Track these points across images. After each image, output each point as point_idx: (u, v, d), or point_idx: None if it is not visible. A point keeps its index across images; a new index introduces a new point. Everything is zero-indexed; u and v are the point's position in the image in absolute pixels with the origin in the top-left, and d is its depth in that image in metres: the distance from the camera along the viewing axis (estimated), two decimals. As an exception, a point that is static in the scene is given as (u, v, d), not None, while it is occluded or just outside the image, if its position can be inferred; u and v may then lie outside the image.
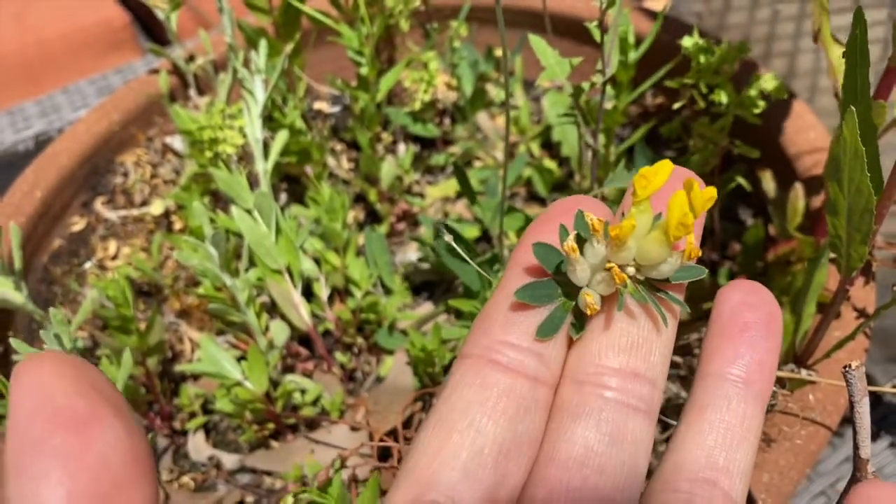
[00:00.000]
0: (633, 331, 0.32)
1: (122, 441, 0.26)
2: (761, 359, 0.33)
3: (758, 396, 0.33)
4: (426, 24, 0.84)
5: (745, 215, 0.78)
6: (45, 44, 1.55)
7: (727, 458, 0.32)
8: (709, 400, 0.33)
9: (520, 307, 0.32)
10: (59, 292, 0.78)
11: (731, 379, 0.33)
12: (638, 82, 0.73)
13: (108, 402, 0.27)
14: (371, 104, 0.76)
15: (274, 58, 0.76)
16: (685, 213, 0.29)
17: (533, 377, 0.32)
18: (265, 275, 0.68)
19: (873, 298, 0.61)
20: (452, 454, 0.30)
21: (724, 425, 0.32)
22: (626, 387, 0.32)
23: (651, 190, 0.30)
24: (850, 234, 0.43)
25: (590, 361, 0.32)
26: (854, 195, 0.41)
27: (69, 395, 0.26)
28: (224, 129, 0.70)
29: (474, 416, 0.30)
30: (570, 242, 0.31)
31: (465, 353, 0.32)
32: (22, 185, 0.79)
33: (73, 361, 0.27)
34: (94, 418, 0.26)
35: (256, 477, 0.67)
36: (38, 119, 1.14)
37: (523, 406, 0.31)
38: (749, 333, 0.33)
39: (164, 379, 0.72)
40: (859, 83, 0.43)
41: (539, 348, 0.32)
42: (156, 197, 0.86)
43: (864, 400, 0.39)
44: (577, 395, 0.32)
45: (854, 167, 0.39)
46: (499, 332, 0.32)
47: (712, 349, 0.34)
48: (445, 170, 0.89)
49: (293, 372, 0.72)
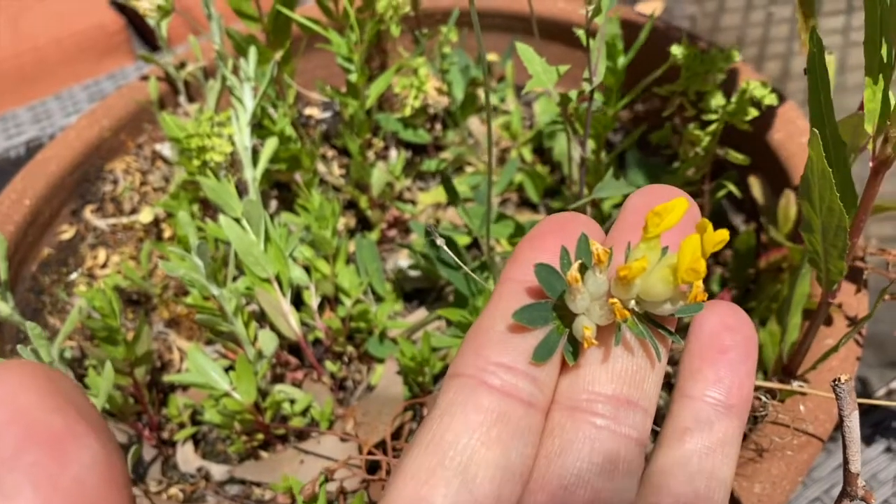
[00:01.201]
0: (628, 359, 0.32)
1: (98, 461, 0.25)
2: (741, 382, 0.33)
3: (737, 419, 0.33)
4: (416, 29, 0.83)
5: (737, 221, 0.77)
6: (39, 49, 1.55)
7: (708, 483, 0.32)
8: (690, 423, 0.32)
9: (515, 328, 0.31)
10: (47, 301, 0.78)
11: (711, 402, 0.33)
12: (630, 86, 0.73)
13: (84, 418, 0.26)
14: (361, 111, 0.76)
15: (263, 65, 0.76)
16: (697, 259, 0.28)
17: (527, 402, 0.31)
18: (254, 284, 0.68)
19: (866, 306, 0.61)
20: (444, 481, 0.29)
21: (705, 449, 0.32)
22: (619, 414, 0.31)
23: (664, 228, 0.29)
24: (827, 250, 0.43)
25: (582, 387, 0.32)
26: (826, 214, 0.40)
27: (44, 410, 0.25)
28: (212, 137, 0.69)
29: (468, 441, 0.29)
30: (574, 273, 0.30)
31: (457, 371, 0.31)
32: (10, 193, 0.79)
33: (48, 372, 0.26)
34: (71, 436, 0.25)
35: (245, 488, 0.66)
36: (30, 125, 1.14)
37: (517, 432, 0.30)
38: (728, 356, 0.33)
39: (153, 389, 0.71)
40: (823, 104, 0.43)
41: (533, 372, 0.31)
42: (145, 205, 0.85)
43: (853, 414, 0.39)
44: (569, 421, 0.31)
45: (823, 188, 0.39)
46: (493, 352, 0.31)
47: (692, 370, 0.33)
48: (437, 176, 0.88)
49: (283, 381, 0.71)
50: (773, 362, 0.57)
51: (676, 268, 0.29)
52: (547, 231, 0.33)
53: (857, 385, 0.72)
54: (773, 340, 0.56)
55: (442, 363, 0.68)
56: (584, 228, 0.33)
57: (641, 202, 0.34)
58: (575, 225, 0.33)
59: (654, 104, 0.87)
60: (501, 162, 0.88)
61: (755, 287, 0.68)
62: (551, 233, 0.33)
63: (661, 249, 0.30)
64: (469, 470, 0.29)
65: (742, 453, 0.55)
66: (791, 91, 1.06)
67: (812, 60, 0.41)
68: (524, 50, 0.55)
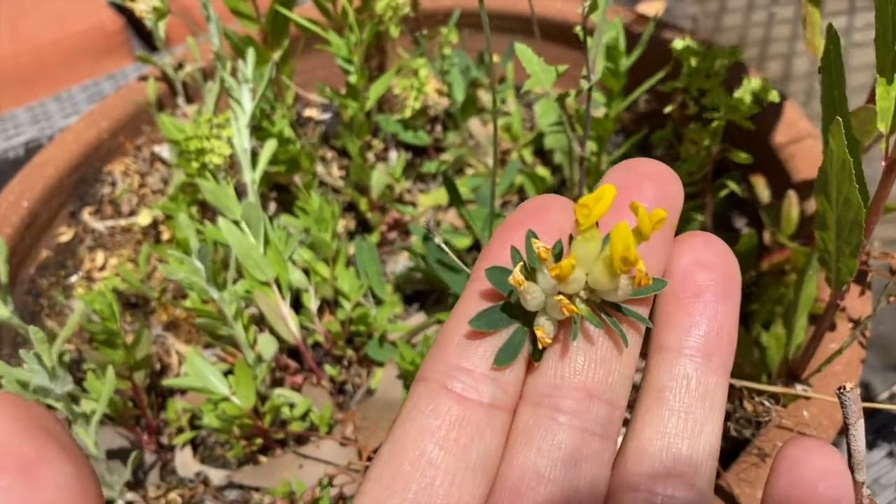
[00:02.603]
0: (591, 351, 0.31)
1: (71, 484, 0.26)
2: (719, 326, 0.31)
3: (719, 368, 0.31)
4: (416, 30, 0.83)
5: (738, 223, 0.77)
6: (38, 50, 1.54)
7: (690, 446, 0.30)
8: (666, 380, 0.31)
9: (474, 332, 0.31)
10: (45, 304, 0.78)
11: (688, 353, 0.31)
12: (632, 88, 0.72)
13: (57, 442, 0.26)
14: (360, 113, 0.76)
15: (262, 66, 0.75)
16: (626, 248, 0.27)
17: (488, 404, 0.30)
18: (253, 287, 0.67)
19: (870, 309, 0.60)
20: (403, 486, 0.29)
21: (684, 408, 0.31)
22: (582, 409, 0.31)
23: (593, 219, 0.29)
24: (840, 248, 0.43)
25: (545, 383, 0.31)
26: (842, 208, 0.40)
27: (17, 436, 0.25)
28: (211, 139, 0.69)
29: (426, 445, 0.30)
30: (517, 276, 0.29)
31: (421, 376, 0.31)
32: (8, 195, 0.78)
33: (20, 402, 0.27)
34: (43, 460, 0.25)
35: (244, 493, 0.66)
36: (29, 126, 1.13)
37: (477, 434, 0.30)
38: (704, 298, 0.31)
39: (152, 393, 0.71)
40: (836, 98, 0.42)
41: (495, 374, 0.31)
42: (144, 207, 0.85)
43: (858, 423, 0.38)
44: (531, 418, 0.31)
45: (842, 179, 0.39)
46: (454, 356, 0.31)
47: (665, 317, 0.31)
48: (437, 178, 0.88)
49: (282, 385, 0.71)
50: (777, 365, 0.56)
51: (610, 260, 0.28)
52: (517, 223, 0.32)
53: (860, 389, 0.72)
54: (778, 343, 0.55)
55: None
56: (557, 215, 0.32)
57: (619, 178, 0.32)
58: (547, 213, 0.32)
59: (655, 105, 0.87)
60: (502, 164, 0.87)
61: (757, 289, 0.68)
62: (521, 225, 0.32)
63: (605, 238, 0.29)
64: (426, 473, 0.29)
65: (745, 458, 0.55)
66: (793, 91, 1.06)
67: (827, 56, 0.40)
68: (522, 50, 0.55)
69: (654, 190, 0.32)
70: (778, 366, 0.56)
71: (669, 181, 0.32)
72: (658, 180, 0.32)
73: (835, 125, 0.36)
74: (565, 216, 0.32)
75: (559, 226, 0.32)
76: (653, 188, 0.32)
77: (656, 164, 0.32)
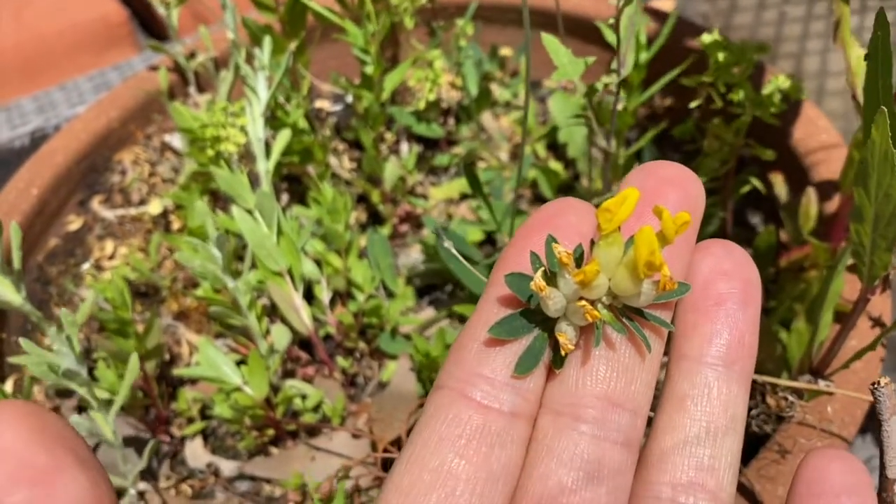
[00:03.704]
0: (614, 358, 0.30)
1: (86, 494, 0.26)
2: (741, 334, 0.31)
3: (741, 376, 0.31)
4: (431, 22, 0.82)
5: (754, 220, 0.76)
6: (42, 40, 1.53)
7: (712, 455, 0.30)
8: (688, 388, 0.31)
9: (494, 340, 0.30)
10: (54, 293, 0.77)
11: (710, 362, 0.31)
12: (647, 84, 0.72)
13: (71, 452, 0.26)
14: (375, 103, 0.75)
15: (278, 55, 0.74)
16: (651, 252, 0.27)
17: (509, 413, 0.30)
18: (266, 277, 0.66)
19: (889, 307, 0.60)
20: (423, 495, 0.28)
21: (706, 417, 0.30)
22: (605, 418, 0.30)
23: (616, 223, 0.28)
24: (875, 242, 0.42)
25: (567, 391, 0.30)
26: (882, 201, 0.39)
27: (32, 447, 0.25)
28: (227, 127, 0.68)
29: (446, 454, 0.29)
30: (539, 281, 0.29)
31: (441, 383, 0.31)
32: (18, 182, 0.78)
33: (35, 410, 0.27)
34: (58, 471, 0.25)
35: (255, 484, 0.65)
36: (35, 115, 1.12)
37: (498, 443, 0.29)
38: (725, 307, 0.31)
39: (162, 382, 0.70)
40: (881, 88, 0.42)
41: (515, 382, 0.30)
42: (154, 196, 0.84)
43: (893, 418, 0.38)
44: (552, 427, 0.30)
45: (883, 171, 0.38)
46: (473, 364, 0.30)
47: (686, 326, 0.31)
48: (449, 171, 0.87)
49: (293, 377, 0.70)
50: (797, 362, 0.56)
51: (633, 265, 0.28)
52: (534, 228, 0.31)
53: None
54: (799, 340, 0.55)
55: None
56: (574, 218, 0.31)
57: (638, 182, 0.32)
58: (564, 217, 0.31)
59: (670, 101, 0.86)
60: (514, 158, 0.87)
61: (775, 287, 0.67)
62: (538, 230, 0.31)
63: (627, 242, 0.29)
64: (447, 483, 0.28)
65: (765, 455, 0.55)
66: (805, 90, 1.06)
67: (875, 43, 0.39)
68: (550, 41, 0.54)
69: (677, 193, 0.31)
70: (799, 362, 0.56)
71: (691, 184, 0.32)
72: (680, 184, 0.32)
73: (879, 115, 0.36)
74: (583, 219, 0.31)
75: (577, 229, 0.31)
76: (675, 192, 0.31)
77: (678, 168, 0.32)
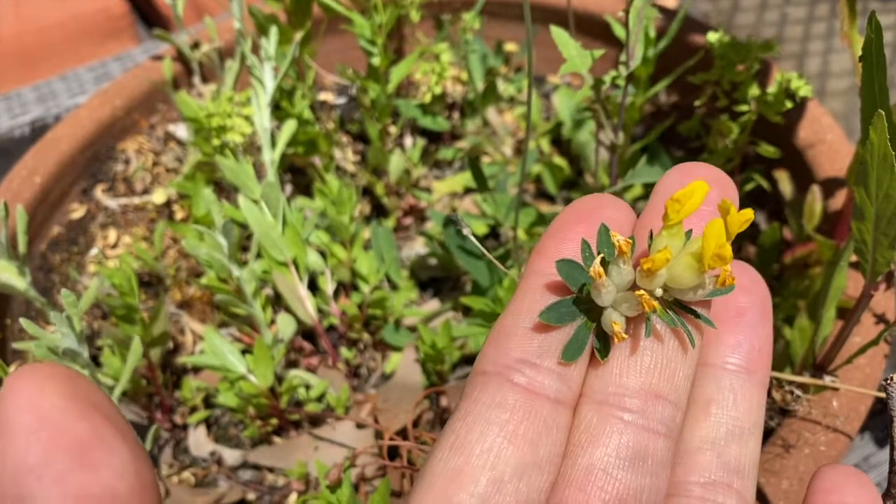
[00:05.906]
0: (658, 350, 0.31)
1: (128, 468, 0.25)
2: (760, 344, 0.32)
3: (760, 385, 0.33)
4: (437, 15, 0.83)
5: (759, 217, 0.77)
6: (43, 31, 1.53)
7: (738, 457, 0.31)
8: (713, 393, 0.32)
9: (541, 326, 0.30)
10: (57, 280, 0.77)
11: (732, 370, 0.32)
12: (651, 80, 0.72)
13: (110, 422, 0.25)
14: (382, 95, 0.75)
15: (284, 45, 0.74)
16: (721, 245, 0.27)
17: (554, 399, 0.30)
18: (271, 267, 0.66)
19: (893, 303, 0.60)
20: (471, 480, 0.28)
21: (732, 421, 0.32)
22: (648, 409, 0.30)
23: (684, 214, 0.28)
24: (877, 240, 0.42)
25: (610, 381, 0.30)
26: (882, 201, 0.39)
27: (70, 415, 0.24)
28: (233, 116, 0.68)
29: (494, 440, 0.29)
30: (597, 267, 0.29)
31: (482, 369, 0.30)
32: (21, 170, 0.77)
33: (70, 375, 0.25)
34: (99, 441, 0.24)
35: (258, 473, 0.65)
36: (36, 105, 1.12)
37: (545, 429, 0.29)
38: (746, 319, 0.32)
39: (166, 371, 0.70)
40: (877, 88, 0.42)
41: (559, 368, 0.30)
42: (157, 185, 0.84)
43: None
44: (596, 416, 0.30)
45: (882, 173, 0.38)
46: (518, 350, 0.30)
47: (709, 334, 0.33)
48: (453, 165, 0.87)
49: (297, 367, 0.70)
50: (800, 357, 0.56)
51: (701, 255, 0.28)
52: (572, 220, 0.32)
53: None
54: (802, 336, 0.55)
55: (460, 352, 0.67)
56: (611, 212, 0.32)
57: (675, 182, 0.32)
58: (602, 211, 0.32)
59: (676, 97, 0.87)
60: (518, 153, 0.87)
61: (779, 283, 0.67)
62: (576, 222, 0.32)
63: (686, 234, 0.29)
64: (496, 468, 0.28)
65: (769, 449, 0.55)
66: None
67: (868, 45, 0.40)
68: (559, 34, 0.54)
69: (717, 193, 0.32)
70: (801, 357, 0.56)
71: (727, 185, 0.32)
72: (717, 184, 0.32)
73: (877, 117, 0.36)
74: (619, 214, 0.32)
75: (614, 223, 0.31)
76: (715, 191, 0.32)
77: (712, 169, 0.32)
